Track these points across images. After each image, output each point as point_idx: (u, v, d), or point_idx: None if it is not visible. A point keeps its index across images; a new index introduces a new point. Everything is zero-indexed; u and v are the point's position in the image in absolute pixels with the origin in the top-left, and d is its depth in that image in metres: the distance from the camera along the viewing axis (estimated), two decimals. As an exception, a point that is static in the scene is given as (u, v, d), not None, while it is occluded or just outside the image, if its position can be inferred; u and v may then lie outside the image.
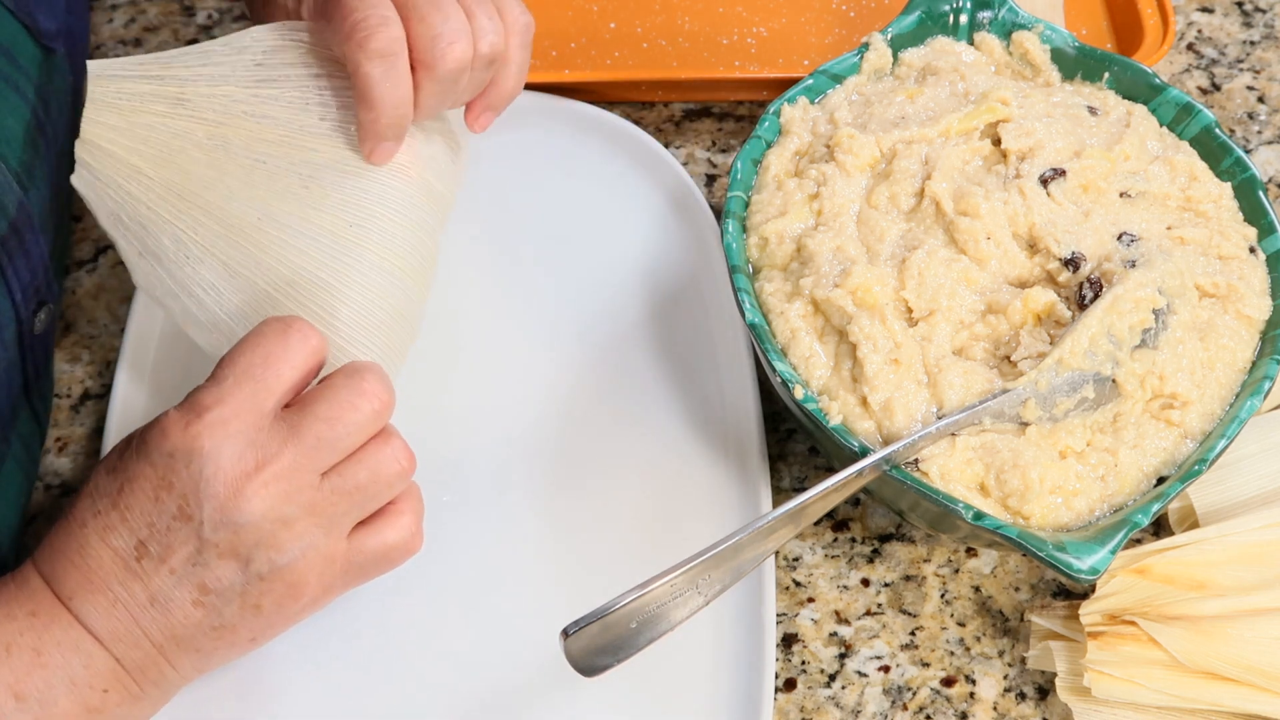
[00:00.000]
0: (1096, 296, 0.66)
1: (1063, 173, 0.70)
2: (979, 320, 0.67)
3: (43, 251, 0.69)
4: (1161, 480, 0.65)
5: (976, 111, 0.72)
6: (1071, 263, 0.67)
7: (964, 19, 0.78)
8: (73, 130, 0.76)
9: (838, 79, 0.76)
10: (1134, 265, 0.67)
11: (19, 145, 0.68)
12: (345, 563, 0.61)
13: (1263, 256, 0.71)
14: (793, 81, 0.76)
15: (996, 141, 0.72)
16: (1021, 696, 0.70)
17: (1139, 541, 0.70)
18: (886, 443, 0.64)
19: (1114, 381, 0.65)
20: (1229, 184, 0.73)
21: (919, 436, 0.62)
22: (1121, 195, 0.71)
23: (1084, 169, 0.70)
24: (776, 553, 0.73)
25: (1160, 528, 0.74)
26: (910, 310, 0.67)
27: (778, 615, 0.71)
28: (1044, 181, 0.69)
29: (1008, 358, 0.66)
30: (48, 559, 0.59)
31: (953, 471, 0.64)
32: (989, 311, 0.67)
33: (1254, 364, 0.68)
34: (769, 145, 0.74)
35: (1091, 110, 0.74)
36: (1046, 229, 0.68)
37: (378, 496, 0.61)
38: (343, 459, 0.60)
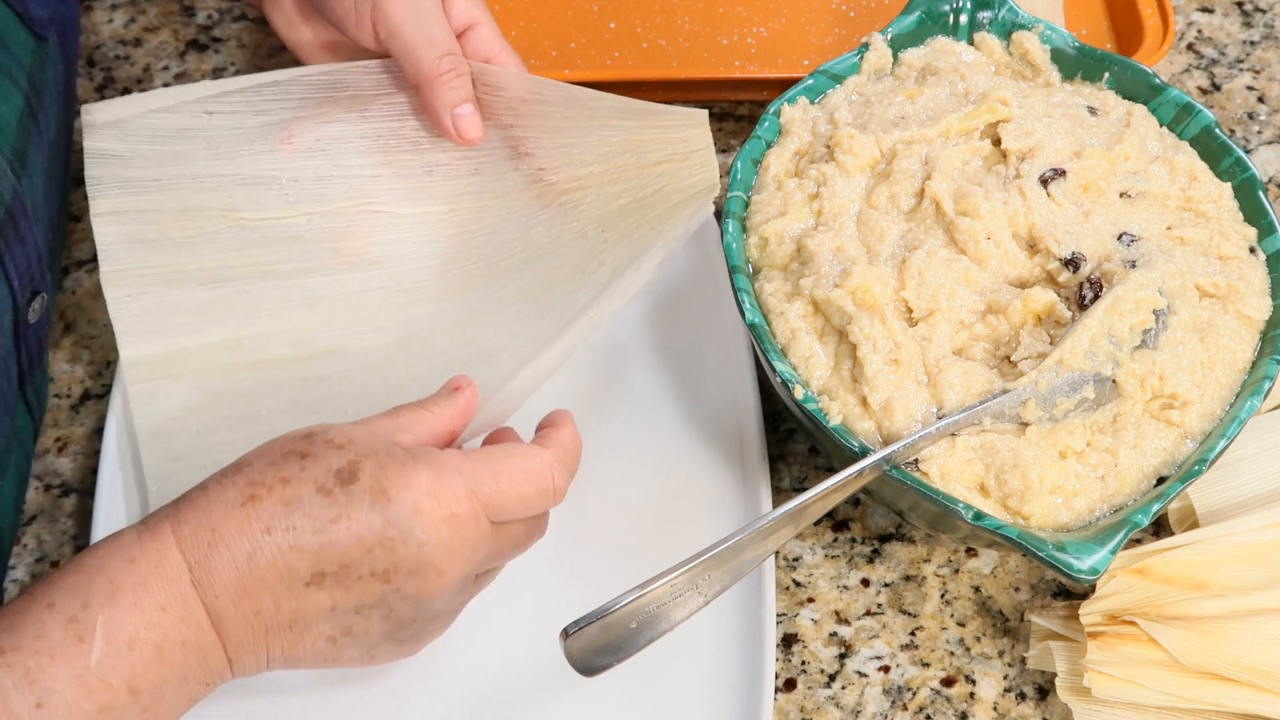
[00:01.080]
0: (1097, 297, 0.66)
1: (1063, 173, 0.70)
2: (979, 320, 0.67)
3: (37, 240, 0.69)
4: (1161, 480, 0.65)
5: (976, 112, 0.72)
6: (1071, 263, 0.67)
7: (964, 19, 0.78)
8: (65, 120, 0.77)
9: (838, 79, 0.76)
10: (1134, 265, 0.67)
11: (12, 133, 0.68)
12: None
13: (1263, 257, 0.71)
14: (793, 81, 0.76)
15: (996, 142, 0.72)
16: (1021, 696, 0.70)
17: (1139, 541, 0.70)
18: (886, 443, 0.64)
19: (1114, 382, 0.65)
20: (1229, 184, 0.73)
21: (919, 437, 0.62)
22: (1121, 195, 0.71)
23: (1084, 169, 0.70)
24: (776, 553, 0.73)
25: (1160, 528, 0.74)
26: (910, 310, 0.67)
27: (778, 615, 0.71)
28: (1044, 182, 0.69)
29: (1008, 358, 0.66)
30: (202, 545, 0.56)
31: (953, 472, 0.64)
32: (989, 312, 0.67)
33: (1254, 364, 0.68)
34: (769, 145, 0.74)
35: (1091, 110, 0.74)
36: (1047, 229, 0.68)
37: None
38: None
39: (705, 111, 0.76)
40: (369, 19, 0.72)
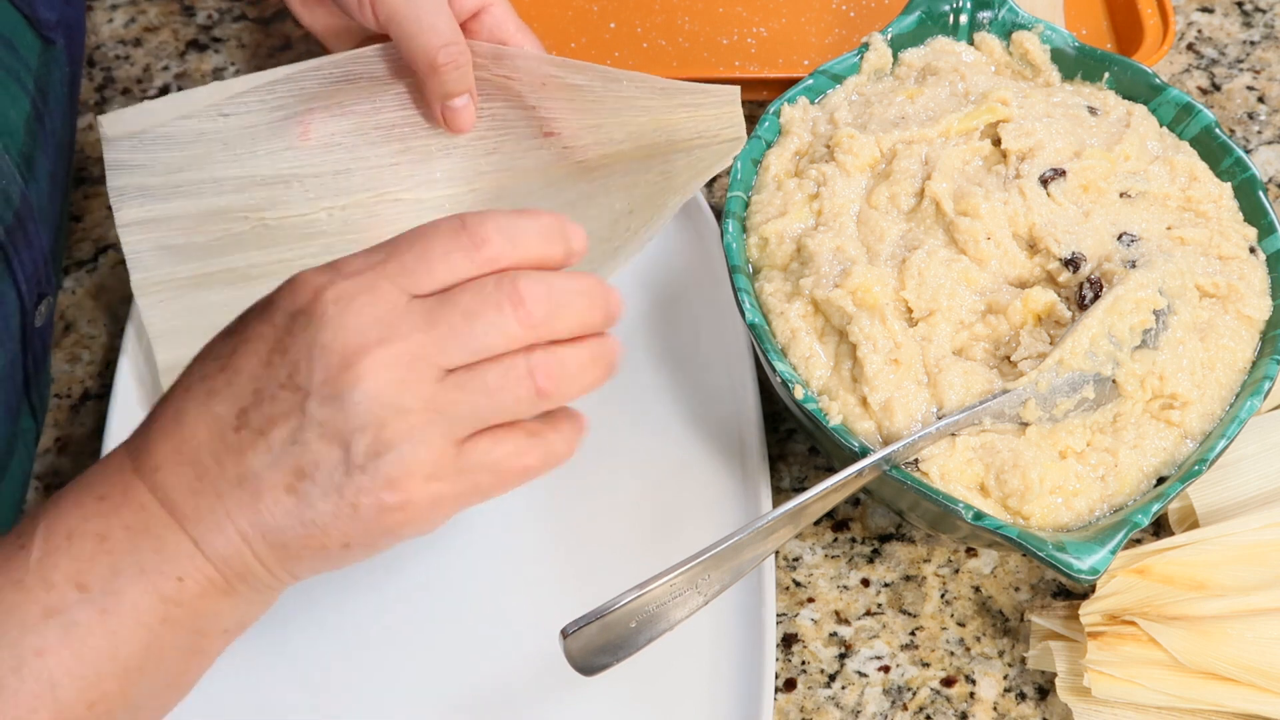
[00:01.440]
0: (1097, 297, 0.66)
1: (1063, 173, 0.70)
2: (979, 320, 0.67)
3: (43, 243, 0.69)
4: (1161, 480, 0.65)
5: (976, 112, 0.72)
6: (1071, 263, 0.67)
7: (964, 19, 0.78)
8: (69, 123, 0.77)
9: (838, 79, 0.76)
10: (1134, 265, 0.67)
11: (20, 137, 0.68)
12: (455, 470, 0.53)
13: (1263, 256, 0.71)
14: (793, 81, 0.76)
15: (996, 142, 0.72)
16: (1021, 696, 0.70)
17: (1139, 541, 0.70)
18: (886, 443, 0.64)
19: (1114, 382, 0.65)
20: (1229, 184, 0.73)
21: (919, 436, 0.62)
22: (1121, 195, 0.71)
23: (1084, 169, 0.70)
24: (776, 553, 0.73)
25: (1160, 528, 0.74)
26: (910, 310, 0.67)
27: (778, 615, 0.71)
28: (1044, 182, 0.69)
29: (1008, 358, 0.66)
30: (141, 433, 0.53)
31: (953, 472, 0.64)
32: (989, 312, 0.67)
33: (1254, 364, 0.68)
34: (769, 145, 0.74)
35: (1091, 110, 0.74)
36: (1047, 229, 0.68)
37: (503, 407, 0.53)
38: (476, 360, 0.53)
39: (737, 88, 0.75)
40: (369, 5, 0.71)
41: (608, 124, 0.74)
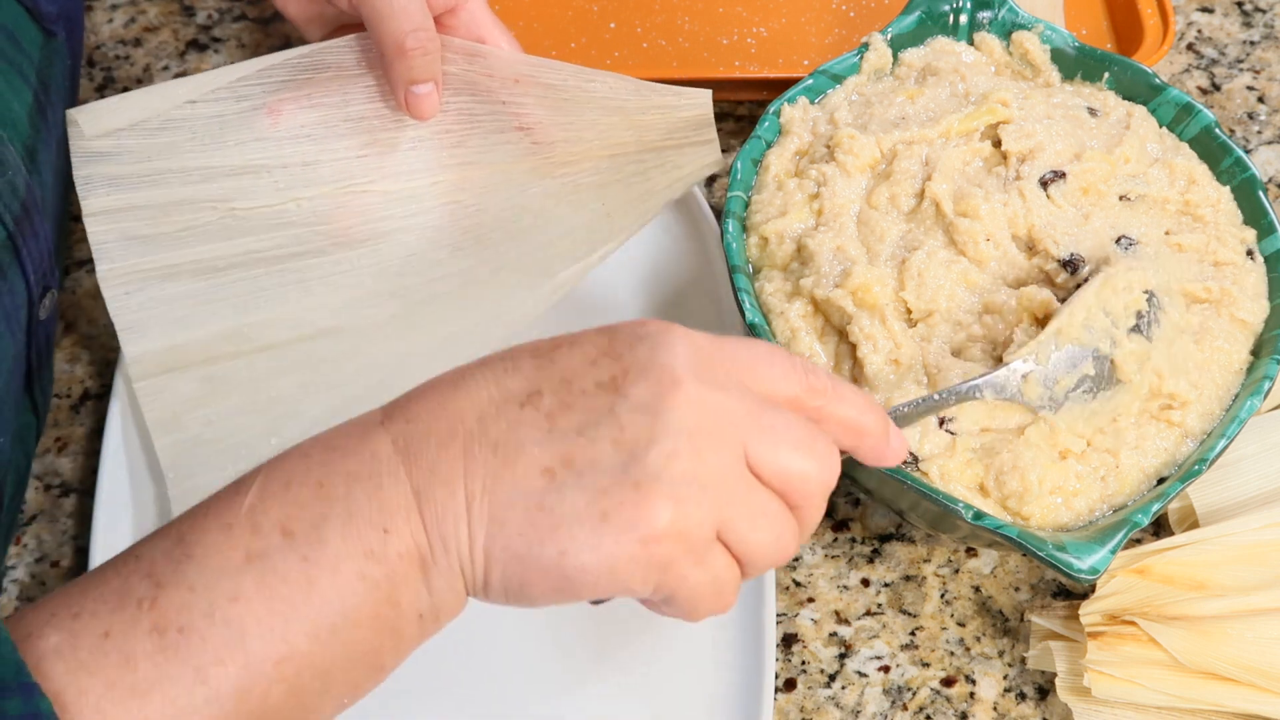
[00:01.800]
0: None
1: (1063, 175, 0.70)
2: (976, 321, 0.67)
3: (48, 235, 0.69)
4: (1162, 480, 0.65)
5: (976, 113, 0.72)
6: (1070, 264, 0.67)
7: (964, 19, 0.78)
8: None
9: (838, 79, 0.76)
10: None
11: (24, 128, 0.68)
12: (697, 546, 0.50)
13: (1260, 260, 0.71)
14: (793, 81, 0.76)
15: (997, 143, 0.72)
16: (1021, 696, 0.70)
17: (1139, 541, 0.70)
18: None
19: (1112, 363, 0.65)
20: (1227, 188, 0.73)
21: (919, 403, 0.61)
22: (1121, 199, 0.71)
23: (1084, 171, 0.70)
24: (776, 553, 0.74)
25: (1160, 528, 0.74)
26: (910, 311, 0.67)
27: (778, 615, 0.71)
28: (1044, 184, 0.69)
29: (999, 358, 0.66)
30: (407, 394, 0.50)
31: (953, 472, 0.64)
32: (985, 312, 0.67)
33: (1253, 364, 0.68)
34: (769, 145, 0.74)
35: (1091, 111, 0.74)
36: (1046, 231, 0.68)
37: (760, 533, 0.51)
38: (770, 474, 0.51)
39: (708, 92, 0.76)
40: None
41: (578, 122, 0.74)
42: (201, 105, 0.71)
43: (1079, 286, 0.66)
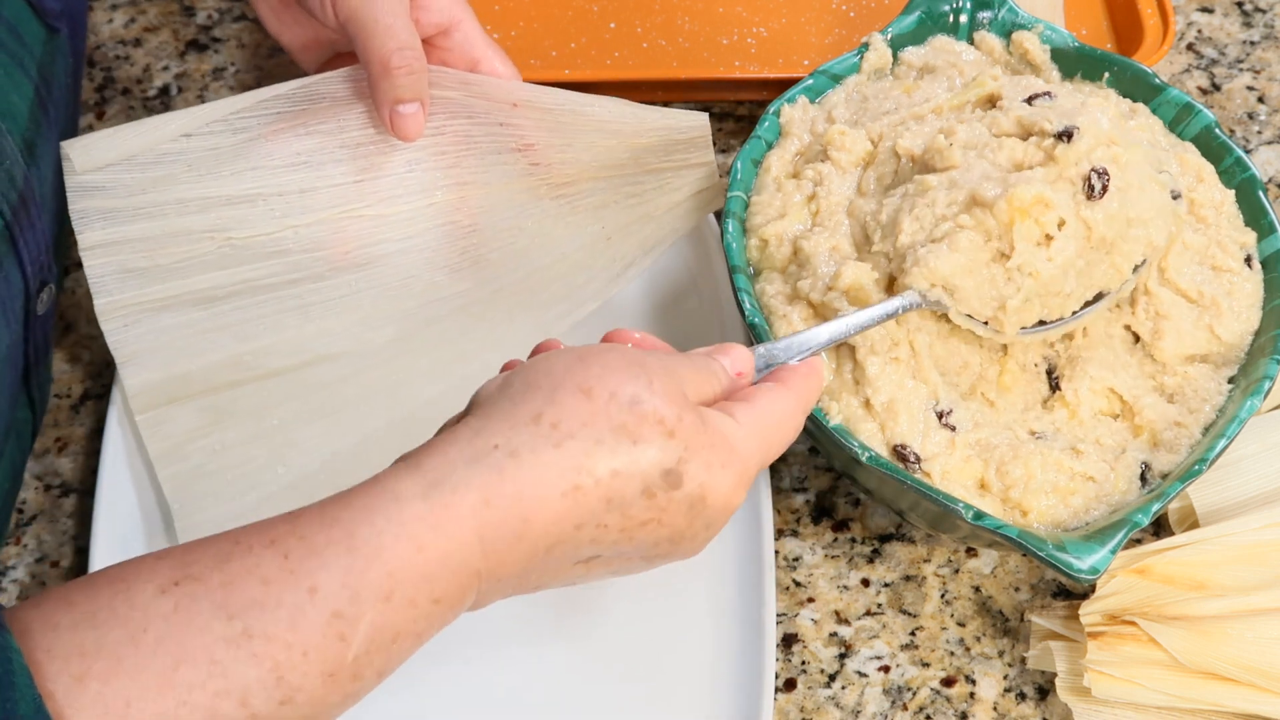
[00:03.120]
0: (1105, 189, 0.63)
1: (1048, 93, 0.67)
2: (964, 211, 0.64)
3: (46, 229, 0.69)
4: (1162, 480, 0.65)
5: (968, 88, 0.71)
6: (1065, 134, 0.64)
7: (964, 19, 0.78)
8: (71, 115, 0.77)
9: (838, 79, 0.76)
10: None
11: (23, 120, 0.68)
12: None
13: (1258, 268, 0.71)
14: (793, 81, 0.76)
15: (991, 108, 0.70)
16: (1021, 696, 0.70)
17: (1139, 541, 0.70)
18: (889, 444, 0.64)
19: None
20: (1231, 191, 0.73)
21: (817, 335, 0.61)
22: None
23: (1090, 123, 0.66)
24: (776, 552, 0.74)
25: (1160, 528, 0.74)
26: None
27: (778, 615, 0.71)
28: (1029, 100, 0.67)
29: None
30: (508, 538, 0.51)
31: (953, 471, 0.64)
32: (974, 204, 0.64)
33: (1254, 364, 0.68)
34: (769, 146, 0.74)
35: (1092, 110, 0.74)
36: (1037, 116, 0.66)
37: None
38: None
39: (705, 115, 0.76)
40: (330, 2, 0.70)
41: (576, 144, 0.75)
42: (197, 139, 0.71)
43: (1089, 177, 0.63)
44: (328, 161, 0.72)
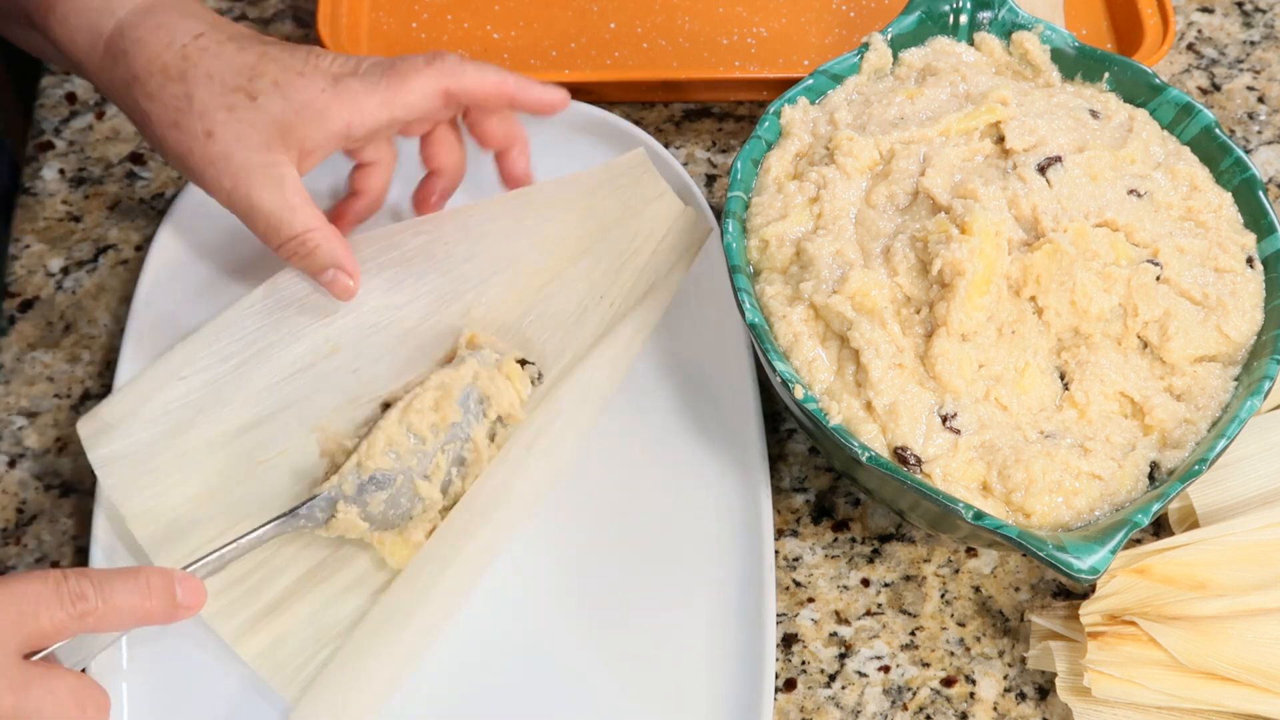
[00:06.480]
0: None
1: (1059, 159, 0.69)
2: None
3: None
4: (1162, 479, 0.65)
5: (976, 112, 0.72)
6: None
7: (964, 19, 0.78)
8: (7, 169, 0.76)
9: (838, 79, 0.76)
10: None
11: None
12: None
13: (1260, 269, 0.71)
14: (793, 81, 0.76)
15: (998, 140, 0.71)
16: (1021, 696, 0.70)
17: (1139, 541, 0.70)
18: (890, 443, 0.64)
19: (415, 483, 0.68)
20: (1229, 192, 0.73)
21: (213, 557, 0.65)
22: (1130, 193, 0.70)
23: (1089, 159, 0.69)
24: (776, 552, 0.74)
25: (1160, 528, 0.74)
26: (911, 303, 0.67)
27: (778, 615, 0.71)
28: (1041, 169, 0.69)
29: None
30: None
31: (955, 472, 0.64)
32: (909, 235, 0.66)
33: (1254, 364, 0.68)
34: (769, 146, 0.74)
35: (1094, 114, 0.74)
36: (1049, 209, 0.67)
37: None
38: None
39: (640, 149, 0.80)
40: (225, 196, 0.71)
41: (531, 237, 0.77)
42: (191, 378, 0.72)
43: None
44: (319, 360, 0.74)
